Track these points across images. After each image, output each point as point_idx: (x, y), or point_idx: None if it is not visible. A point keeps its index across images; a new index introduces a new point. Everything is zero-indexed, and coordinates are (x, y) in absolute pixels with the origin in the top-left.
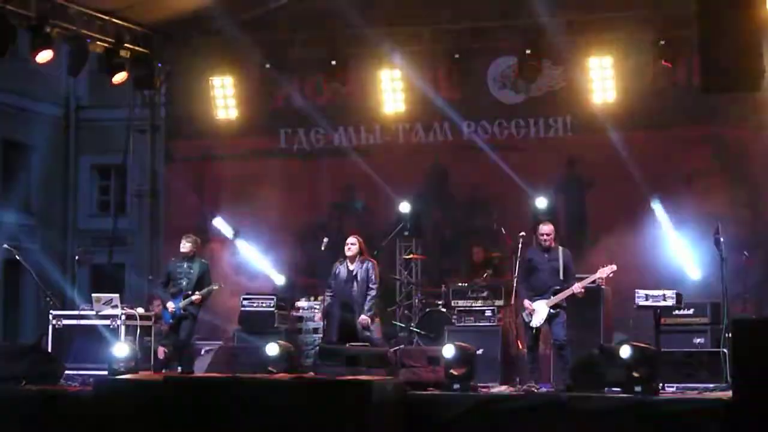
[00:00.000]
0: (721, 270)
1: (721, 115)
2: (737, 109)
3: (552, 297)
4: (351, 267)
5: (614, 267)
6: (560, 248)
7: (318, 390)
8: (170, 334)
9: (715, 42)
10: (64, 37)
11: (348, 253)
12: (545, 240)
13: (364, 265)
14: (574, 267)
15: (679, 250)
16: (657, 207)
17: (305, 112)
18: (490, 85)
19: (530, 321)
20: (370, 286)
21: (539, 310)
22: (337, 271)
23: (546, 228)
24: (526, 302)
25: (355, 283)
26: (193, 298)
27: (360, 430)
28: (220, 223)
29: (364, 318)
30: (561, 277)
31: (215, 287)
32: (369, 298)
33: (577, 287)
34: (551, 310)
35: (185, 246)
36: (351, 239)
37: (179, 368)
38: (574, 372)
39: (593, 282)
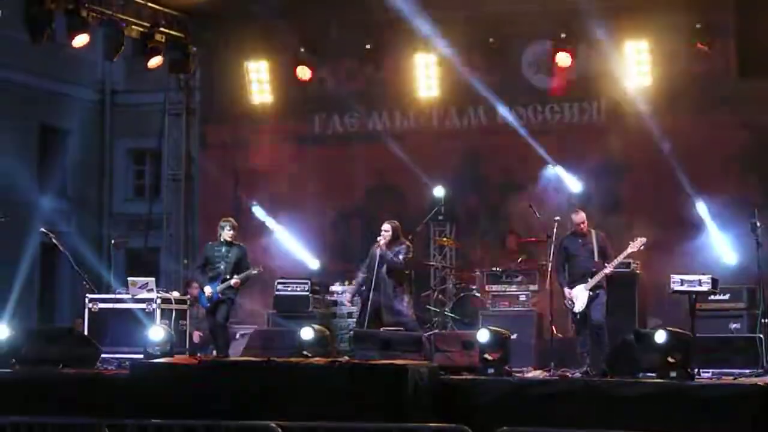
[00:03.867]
0: (757, 255)
1: (758, 99)
2: None
3: (590, 280)
4: (384, 252)
5: (644, 240)
6: (593, 231)
7: (353, 374)
8: (207, 317)
9: (753, 25)
10: (100, 22)
11: (381, 241)
12: (580, 228)
13: (396, 248)
14: (611, 248)
15: (716, 234)
16: (701, 206)
17: (340, 97)
18: (525, 69)
19: (573, 307)
20: (394, 260)
21: (579, 296)
22: (371, 255)
23: (578, 217)
24: (566, 290)
25: (384, 268)
26: (232, 282)
27: (394, 414)
28: (258, 212)
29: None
30: (596, 259)
31: (254, 272)
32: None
33: (608, 268)
34: (590, 293)
35: (229, 234)
36: (385, 225)
37: (214, 352)
38: (609, 357)
39: (627, 266)
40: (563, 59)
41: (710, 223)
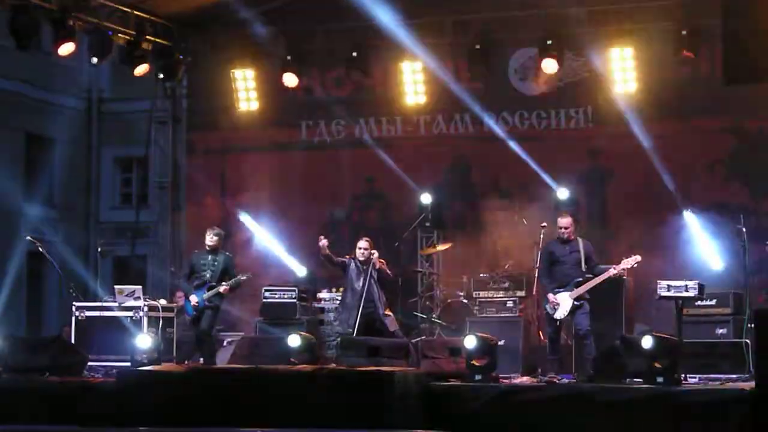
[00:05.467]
0: (743, 260)
1: (743, 105)
2: (759, 100)
3: (575, 289)
4: (364, 267)
5: (638, 258)
6: (580, 240)
7: (340, 381)
8: (192, 325)
9: (739, 33)
10: (86, 30)
11: (360, 258)
12: (563, 233)
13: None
14: (596, 257)
15: (701, 240)
16: (687, 211)
17: (326, 104)
18: (512, 76)
19: (554, 313)
20: (389, 273)
21: (563, 303)
22: (349, 267)
23: (564, 221)
24: (550, 295)
25: (373, 280)
26: (221, 289)
27: (381, 421)
28: (247, 220)
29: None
30: (583, 268)
31: (243, 278)
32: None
33: (598, 280)
34: (575, 302)
35: (212, 240)
36: (363, 243)
37: (201, 359)
38: (595, 363)
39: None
40: (549, 66)
41: (696, 228)
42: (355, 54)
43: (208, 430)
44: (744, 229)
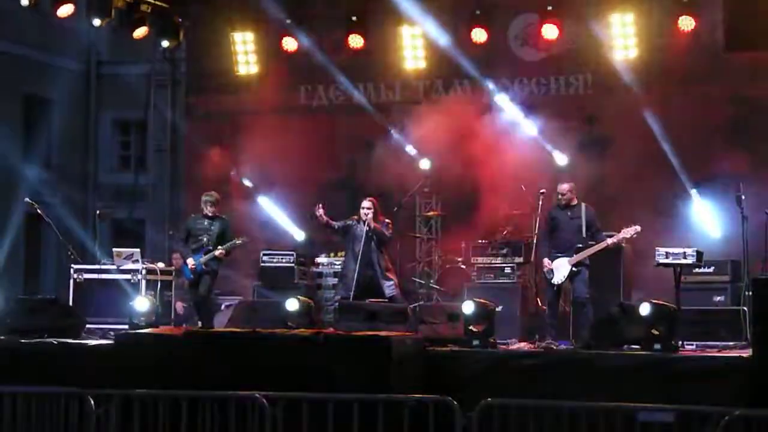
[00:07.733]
0: (742, 228)
1: (743, 72)
2: (760, 67)
3: (574, 255)
4: (372, 227)
5: (638, 228)
6: (583, 205)
7: (338, 345)
8: (190, 289)
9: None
10: None
11: (364, 218)
12: (561, 199)
13: (382, 224)
14: (598, 222)
15: (701, 207)
16: (686, 179)
17: (325, 69)
18: (511, 42)
19: (552, 278)
20: (387, 234)
21: (560, 268)
22: (353, 229)
23: (563, 186)
24: (546, 261)
25: (372, 243)
26: (216, 252)
27: (379, 386)
28: (245, 183)
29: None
30: (584, 234)
31: (238, 242)
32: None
33: (596, 248)
34: (573, 268)
35: (210, 206)
36: (366, 203)
37: (199, 323)
38: (593, 329)
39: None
40: (549, 32)
41: (696, 196)
42: (354, 18)
43: (204, 393)
44: (743, 197)
